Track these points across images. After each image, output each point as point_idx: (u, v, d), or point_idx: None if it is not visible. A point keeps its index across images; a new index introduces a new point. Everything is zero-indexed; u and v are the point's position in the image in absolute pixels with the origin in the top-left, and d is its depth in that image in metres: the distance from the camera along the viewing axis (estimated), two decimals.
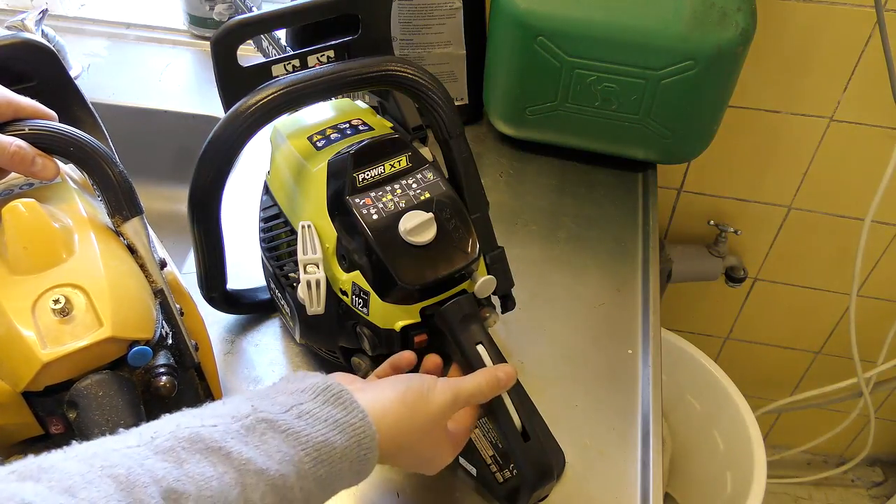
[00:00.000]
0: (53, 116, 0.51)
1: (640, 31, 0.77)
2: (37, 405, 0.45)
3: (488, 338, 0.54)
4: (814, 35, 0.97)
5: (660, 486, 0.61)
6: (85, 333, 0.44)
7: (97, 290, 0.46)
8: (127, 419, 0.44)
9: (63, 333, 0.44)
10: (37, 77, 0.54)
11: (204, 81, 1.00)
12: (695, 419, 1.29)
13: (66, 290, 0.45)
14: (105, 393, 0.45)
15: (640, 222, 0.86)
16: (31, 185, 0.53)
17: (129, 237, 0.51)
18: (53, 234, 0.47)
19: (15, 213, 0.46)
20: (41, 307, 0.44)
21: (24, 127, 0.49)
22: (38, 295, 0.45)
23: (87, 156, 0.50)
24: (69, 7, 1.09)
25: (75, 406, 0.44)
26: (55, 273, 0.46)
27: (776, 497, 1.60)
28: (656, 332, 0.73)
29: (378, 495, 0.59)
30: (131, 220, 0.51)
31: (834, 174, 1.11)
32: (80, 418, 0.44)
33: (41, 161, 0.49)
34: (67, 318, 0.44)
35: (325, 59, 0.63)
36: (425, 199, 0.56)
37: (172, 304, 0.52)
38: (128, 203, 0.51)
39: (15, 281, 0.45)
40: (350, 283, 0.56)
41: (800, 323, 1.34)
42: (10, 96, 0.49)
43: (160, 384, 0.47)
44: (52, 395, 0.45)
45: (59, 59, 0.55)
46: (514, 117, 0.88)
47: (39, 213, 0.46)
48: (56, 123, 0.50)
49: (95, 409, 0.44)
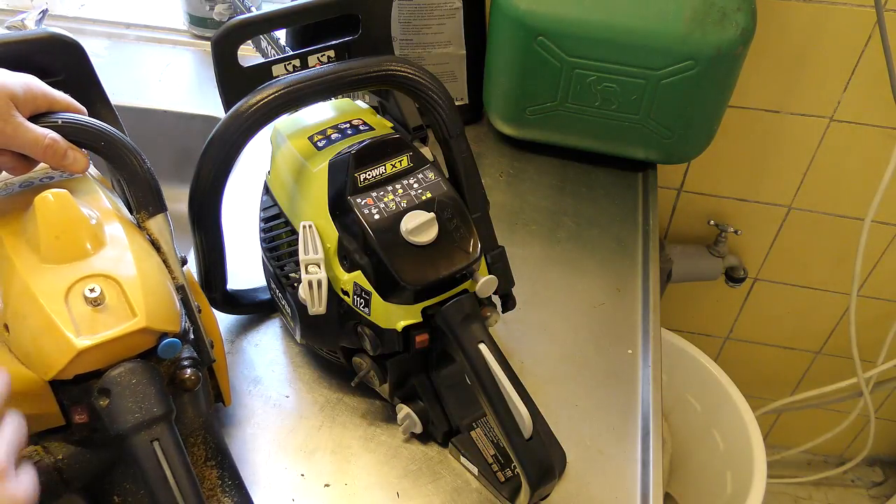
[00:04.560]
0: (84, 111, 0.52)
1: (641, 31, 0.77)
2: (63, 394, 0.45)
3: (489, 337, 0.54)
4: (814, 35, 0.97)
5: (660, 485, 0.61)
6: (118, 323, 0.45)
7: (129, 282, 0.46)
8: (158, 407, 0.45)
9: (97, 322, 0.44)
10: (63, 72, 0.55)
11: (204, 81, 1.00)
12: (695, 419, 1.29)
13: (99, 281, 0.45)
14: (138, 381, 0.45)
15: (640, 222, 0.86)
16: (52, 177, 0.54)
17: (154, 233, 0.52)
18: (86, 225, 0.47)
19: (48, 203, 0.46)
20: (74, 296, 0.45)
21: (57, 119, 0.49)
22: (70, 284, 0.45)
23: (117, 151, 0.51)
24: (69, 7, 1.09)
25: (107, 393, 0.44)
26: (87, 263, 0.46)
27: (776, 497, 1.60)
28: (656, 332, 0.73)
29: (378, 495, 0.59)
30: (156, 217, 0.52)
31: (834, 174, 1.11)
32: (112, 405, 0.44)
33: (73, 154, 0.49)
34: (101, 308, 0.45)
35: (325, 59, 0.63)
36: (426, 198, 0.56)
37: (192, 300, 0.53)
38: (154, 199, 0.52)
39: (46, 270, 0.46)
40: (351, 283, 0.56)
41: (800, 323, 1.34)
42: (45, 89, 0.50)
43: (185, 377, 0.48)
44: (79, 384, 0.45)
45: (86, 54, 0.56)
46: (514, 117, 0.88)
47: (72, 203, 0.47)
48: (87, 118, 0.51)
49: (129, 396, 0.44)
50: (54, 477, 0.47)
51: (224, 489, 0.53)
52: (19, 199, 0.51)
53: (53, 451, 0.47)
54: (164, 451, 0.44)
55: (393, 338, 0.56)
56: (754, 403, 1.24)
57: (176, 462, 0.44)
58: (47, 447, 0.47)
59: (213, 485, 0.53)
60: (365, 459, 0.61)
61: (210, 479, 0.53)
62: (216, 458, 0.54)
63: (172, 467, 0.44)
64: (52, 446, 0.47)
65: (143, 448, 0.44)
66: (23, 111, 0.48)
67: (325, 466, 0.61)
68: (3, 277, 0.47)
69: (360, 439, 0.63)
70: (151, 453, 0.44)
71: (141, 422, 0.44)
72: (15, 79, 0.48)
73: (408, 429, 0.62)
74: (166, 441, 0.44)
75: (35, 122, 0.48)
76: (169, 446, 0.44)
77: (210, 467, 0.53)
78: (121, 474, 0.49)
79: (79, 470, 0.48)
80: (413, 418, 0.60)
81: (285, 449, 0.62)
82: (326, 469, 0.61)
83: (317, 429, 0.63)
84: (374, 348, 0.57)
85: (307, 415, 0.64)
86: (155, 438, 0.44)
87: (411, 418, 0.60)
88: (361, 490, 0.59)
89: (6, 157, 0.49)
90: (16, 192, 0.52)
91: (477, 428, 0.61)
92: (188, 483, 0.44)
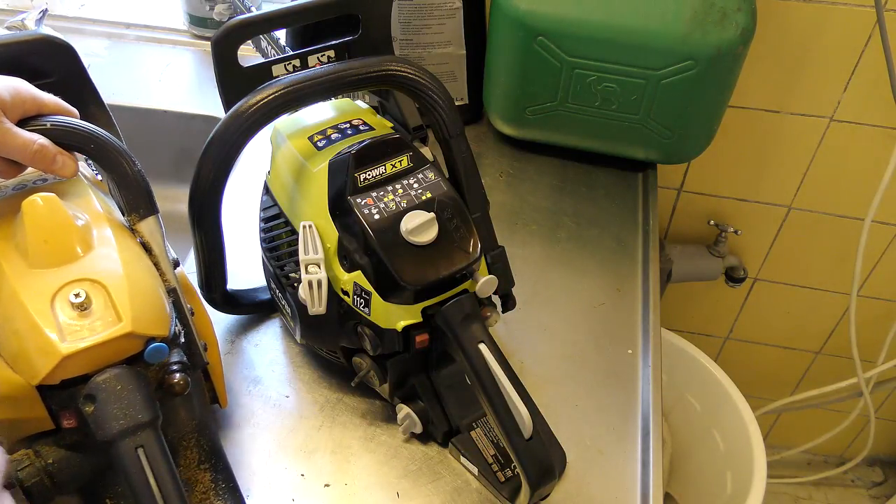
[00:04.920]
0: (75, 113, 0.52)
1: (641, 31, 0.77)
2: (51, 399, 0.45)
3: (490, 337, 0.55)
4: (814, 35, 0.97)
5: (660, 485, 0.61)
6: (104, 328, 0.44)
7: (116, 286, 0.46)
8: (144, 413, 0.45)
9: (82, 328, 0.44)
10: (55, 74, 0.55)
11: (204, 81, 1.00)
12: (695, 419, 1.29)
13: (85, 285, 0.45)
14: (123, 387, 0.45)
15: (640, 222, 0.86)
16: (45, 179, 0.53)
17: (145, 235, 0.52)
18: (73, 229, 0.47)
19: (35, 207, 0.46)
20: (60, 301, 0.45)
21: (46, 123, 0.49)
22: (57, 289, 0.45)
23: (107, 153, 0.50)
24: (69, 7, 1.09)
25: (93, 399, 0.44)
26: (74, 268, 0.46)
27: (776, 497, 1.60)
28: (656, 332, 0.73)
29: (378, 495, 0.59)
30: (147, 219, 0.52)
31: (834, 174, 1.11)
32: (98, 412, 0.44)
33: (62, 159, 0.49)
34: (87, 313, 0.45)
35: (325, 59, 0.63)
36: (426, 198, 0.56)
37: (184, 303, 0.53)
38: (144, 202, 0.51)
39: (34, 274, 0.46)
40: (351, 283, 0.56)
41: (800, 323, 1.34)
42: (34, 92, 0.49)
43: (174, 381, 0.47)
44: (67, 389, 0.45)
45: (78, 56, 0.55)
46: (514, 117, 0.88)
47: (60, 207, 0.47)
48: (77, 120, 0.51)
49: (114, 402, 0.44)
50: (45, 481, 0.46)
51: (217, 492, 0.53)
52: (11, 202, 0.50)
53: (44, 455, 0.47)
54: (149, 458, 0.44)
55: (393, 338, 0.56)
56: (754, 403, 1.24)
57: (161, 469, 0.44)
58: (38, 451, 0.47)
59: (206, 488, 0.53)
60: (365, 459, 0.61)
61: (203, 483, 0.53)
62: (210, 460, 0.53)
63: (157, 474, 0.44)
64: (43, 450, 0.47)
65: (128, 455, 0.44)
66: (11, 116, 0.47)
67: (325, 466, 0.61)
68: None
69: (360, 439, 0.63)
70: (136, 460, 0.44)
71: (126, 428, 0.44)
72: (2, 83, 0.48)
73: (408, 429, 0.62)
74: (151, 448, 0.44)
75: (24, 125, 0.48)
76: (154, 453, 0.44)
77: (203, 470, 0.53)
78: (113, 478, 0.49)
79: (70, 474, 0.47)
80: (413, 418, 0.60)
81: (285, 449, 0.62)
82: (326, 469, 0.60)
83: (317, 429, 0.63)
84: (374, 348, 0.57)
85: (307, 415, 0.64)
86: (140, 445, 0.44)
87: (411, 418, 0.60)
88: (361, 490, 0.59)
89: None
90: (8, 195, 0.52)
91: (477, 428, 0.61)
92: (173, 490, 0.44)
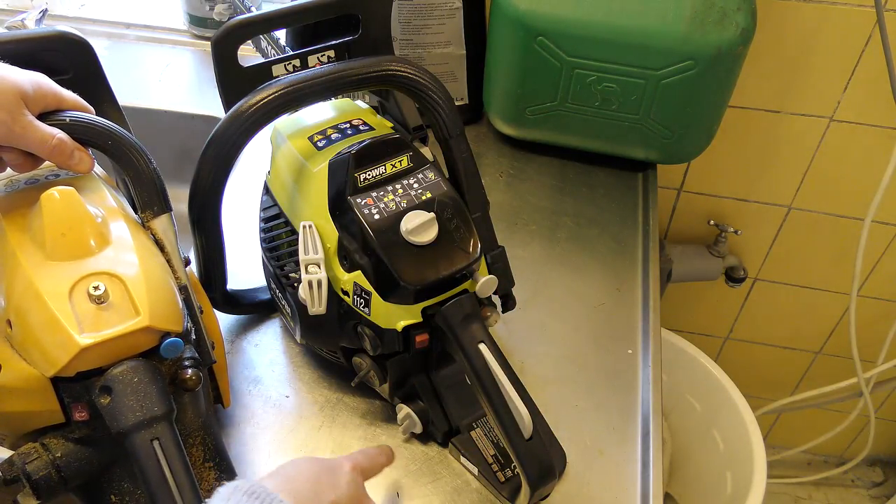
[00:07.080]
0: (91, 110, 0.52)
1: (641, 31, 0.77)
2: (64, 391, 0.46)
3: (489, 337, 0.55)
4: (814, 35, 0.97)
5: (660, 485, 0.61)
6: (122, 321, 0.45)
7: (133, 281, 0.46)
8: (160, 406, 0.45)
9: (100, 320, 0.44)
10: (71, 70, 0.55)
11: (204, 81, 1.00)
12: (695, 419, 1.29)
13: (103, 278, 0.46)
14: (140, 379, 0.45)
15: (640, 222, 0.86)
16: (57, 175, 0.54)
17: (158, 233, 0.52)
18: (91, 223, 0.47)
19: (54, 201, 0.46)
20: (78, 294, 0.45)
21: (65, 118, 0.50)
22: (75, 281, 0.45)
23: (124, 150, 0.51)
24: (69, 7, 1.09)
25: (109, 391, 0.44)
26: (92, 261, 0.46)
27: (776, 497, 1.60)
28: (656, 332, 0.73)
29: (378, 495, 0.59)
30: (161, 217, 0.52)
31: (834, 174, 1.11)
32: (114, 404, 0.44)
33: (79, 155, 0.50)
34: (105, 306, 0.45)
35: (325, 59, 0.63)
36: (426, 198, 0.56)
37: (195, 301, 0.53)
38: (158, 199, 0.52)
39: (51, 266, 0.46)
40: (351, 283, 0.56)
41: (800, 323, 1.34)
42: (54, 87, 0.50)
43: (187, 377, 0.48)
44: (80, 382, 0.45)
45: (94, 53, 0.56)
46: (514, 117, 0.88)
47: (78, 201, 0.47)
48: (95, 117, 0.51)
49: (131, 394, 0.44)
50: (52, 475, 0.47)
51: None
52: (25, 195, 0.51)
53: (52, 448, 0.47)
54: (164, 451, 0.44)
55: (393, 338, 0.56)
56: (754, 403, 1.24)
57: (176, 461, 0.44)
58: (46, 445, 0.47)
59: (210, 486, 0.53)
60: None
61: (208, 481, 0.53)
62: (214, 459, 0.54)
63: (172, 467, 0.44)
64: (51, 444, 0.47)
65: (144, 447, 0.44)
66: (32, 109, 0.48)
67: None
68: (7, 274, 0.47)
69: (360, 439, 0.63)
70: (151, 452, 0.44)
71: (142, 420, 0.44)
72: (25, 76, 0.48)
73: (408, 429, 0.62)
74: (166, 440, 0.45)
75: (43, 120, 0.49)
76: (169, 446, 0.45)
77: (208, 468, 0.53)
78: (118, 474, 0.49)
79: (77, 468, 0.48)
80: (413, 418, 0.60)
81: (285, 449, 0.62)
82: None
83: (317, 429, 0.63)
84: (374, 348, 0.57)
85: (307, 415, 0.64)
86: (155, 437, 0.44)
87: (411, 418, 0.60)
88: None
89: (13, 153, 0.49)
90: (21, 188, 0.52)
91: (477, 428, 0.61)
92: (187, 483, 0.44)
